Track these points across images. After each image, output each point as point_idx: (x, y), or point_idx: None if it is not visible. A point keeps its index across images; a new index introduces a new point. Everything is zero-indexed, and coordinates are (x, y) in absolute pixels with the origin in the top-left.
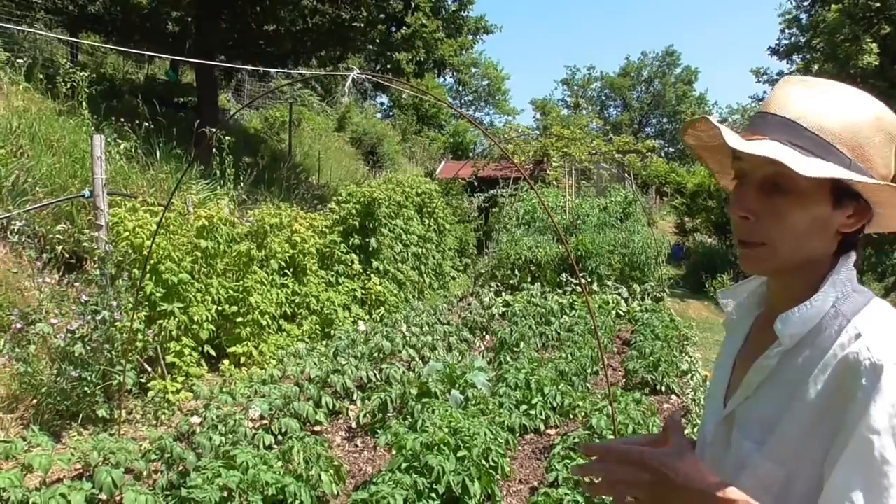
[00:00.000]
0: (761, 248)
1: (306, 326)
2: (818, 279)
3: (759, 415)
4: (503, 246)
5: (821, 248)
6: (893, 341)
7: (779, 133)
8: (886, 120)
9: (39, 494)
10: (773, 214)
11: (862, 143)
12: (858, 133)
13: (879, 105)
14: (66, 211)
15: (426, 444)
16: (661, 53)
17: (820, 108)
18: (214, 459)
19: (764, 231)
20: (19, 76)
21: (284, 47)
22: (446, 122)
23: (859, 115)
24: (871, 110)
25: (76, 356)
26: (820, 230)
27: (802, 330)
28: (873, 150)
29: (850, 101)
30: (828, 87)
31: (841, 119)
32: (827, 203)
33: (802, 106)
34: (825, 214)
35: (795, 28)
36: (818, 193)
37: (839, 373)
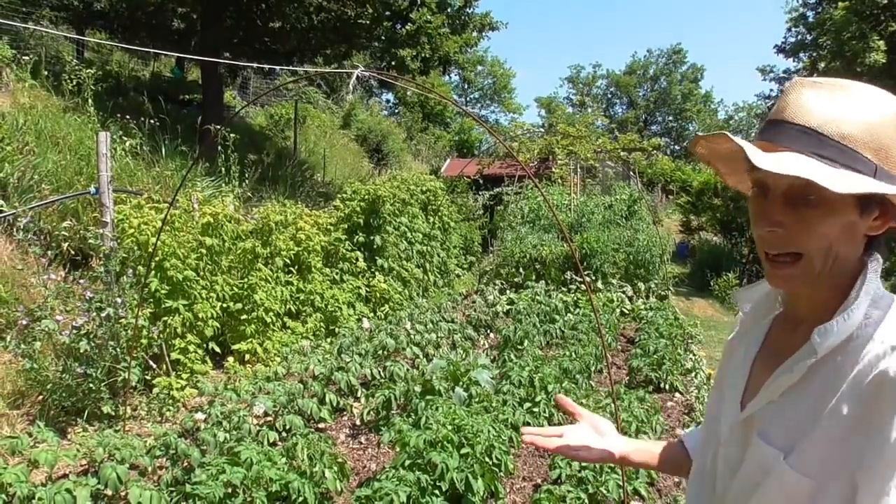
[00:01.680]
0: (794, 264)
1: (311, 324)
2: (845, 282)
3: (784, 422)
4: (508, 244)
5: (849, 254)
6: None
7: (800, 144)
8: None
9: (45, 490)
10: (802, 226)
11: (886, 144)
12: (881, 135)
13: (893, 101)
14: (72, 208)
15: (430, 441)
16: (667, 51)
17: (839, 113)
18: (219, 456)
19: (794, 242)
20: (25, 73)
21: (290, 44)
22: (452, 120)
23: (880, 116)
24: (885, 108)
25: (81, 353)
26: (849, 237)
27: (838, 340)
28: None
29: (869, 101)
30: (842, 88)
31: (862, 122)
32: (855, 210)
33: (820, 112)
34: (853, 221)
35: (802, 26)
36: (846, 202)
37: (875, 387)
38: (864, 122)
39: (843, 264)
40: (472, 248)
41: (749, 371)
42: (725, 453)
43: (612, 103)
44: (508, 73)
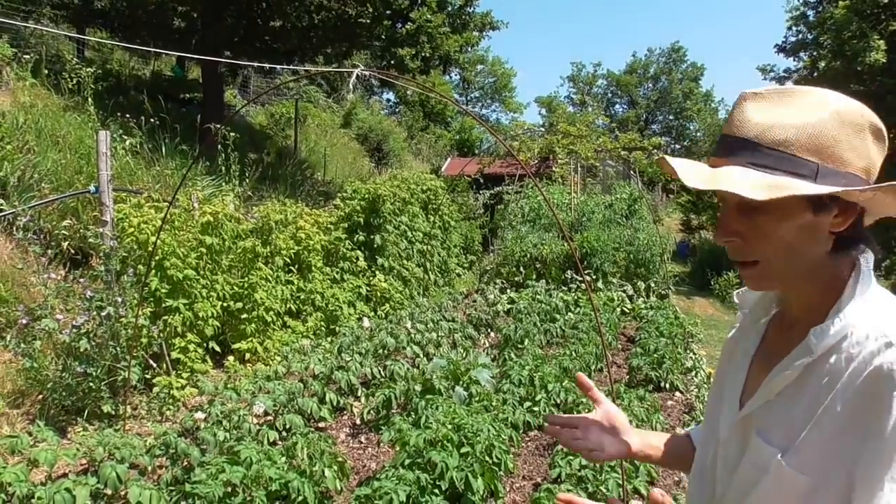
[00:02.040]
0: (757, 267)
1: (311, 323)
2: (833, 281)
3: (782, 420)
4: (508, 243)
5: (816, 252)
6: None
7: (739, 156)
8: (847, 114)
9: (45, 489)
10: (757, 233)
11: (826, 144)
12: (820, 135)
13: (838, 99)
14: (72, 207)
15: (430, 440)
16: (667, 50)
17: (776, 121)
18: (219, 455)
19: (752, 250)
20: (26, 72)
21: (290, 43)
22: (452, 119)
23: (818, 117)
24: (827, 109)
25: (81, 352)
26: (809, 236)
27: (833, 341)
28: (842, 148)
29: (809, 104)
30: (781, 95)
31: (799, 126)
32: (807, 211)
33: (758, 122)
34: (809, 221)
35: (803, 25)
36: (796, 206)
37: (870, 384)
38: (802, 125)
39: (815, 263)
40: (472, 247)
41: (747, 371)
42: (724, 453)
43: (613, 102)
44: (509, 72)
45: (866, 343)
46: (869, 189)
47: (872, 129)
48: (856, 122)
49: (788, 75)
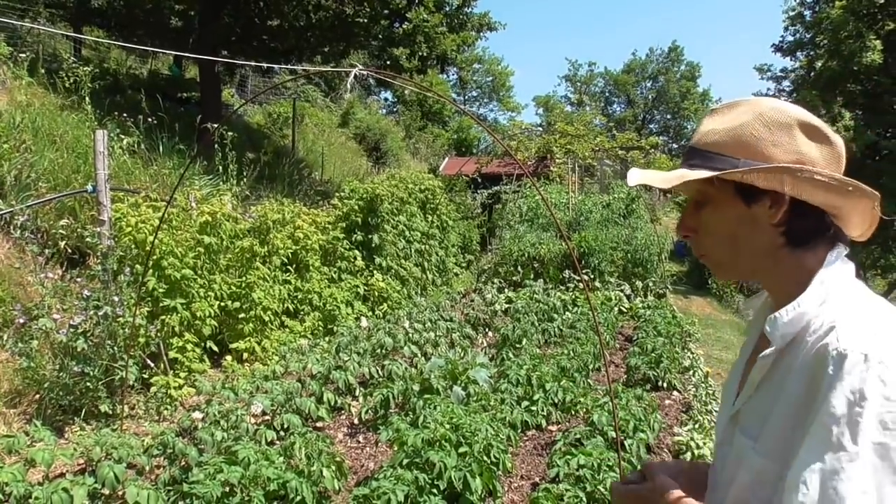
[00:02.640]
0: (706, 259)
1: (309, 322)
2: (802, 276)
3: (756, 412)
4: (506, 242)
5: (760, 243)
6: (863, 331)
7: (687, 160)
8: (770, 114)
9: (42, 489)
10: (702, 227)
11: (748, 141)
12: (742, 134)
13: (766, 103)
14: (69, 206)
15: (428, 440)
16: (665, 50)
17: (710, 128)
18: (216, 455)
19: (701, 244)
20: (22, 71)
21: (288, 43)
22: (450, 119)
23: (740, 119)
24: (752, 112)
25: (78, 351)
26: (748, 228)
27: (791, 330)
28: (764, 144)
29: (738, 110)
30: (728, 107)
31: (726, 130)
32: (738, 203)
33: (700, 131)
34: (743, 213)
35: (800, 25)
36: (726, 197)
37: (813, 365)
38: (728, 128)
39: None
40: (470, 246)
41: (742, 373)
42: (720, 453)
43: (611, 102)
44: (506, 71)
45: (818, 330)
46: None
47: (802, 126)
48: (778, 119)
49: (785, 75)
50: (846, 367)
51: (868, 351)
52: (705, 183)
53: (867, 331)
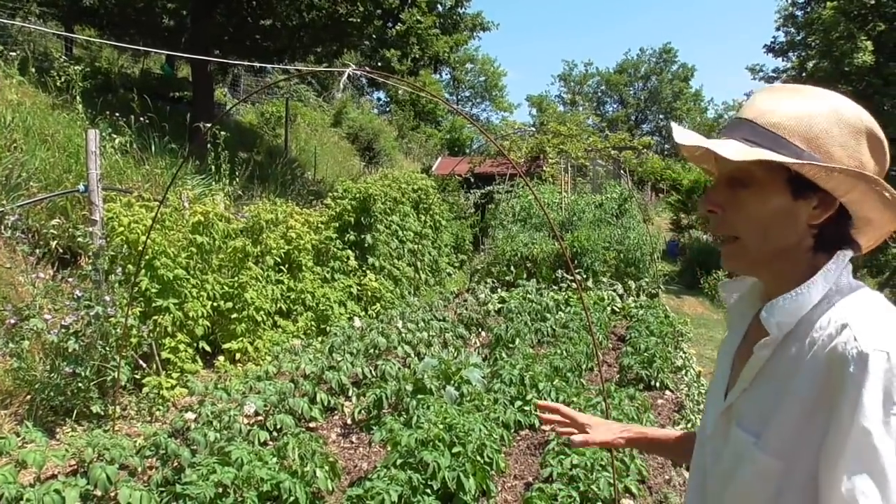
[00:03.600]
0: (735, 245)
1: (301, 323)
2: (808, 273)
3: (756, 407)
4: (499, 242)
5: (791, 240)
6: (879, 329)
7: (738, 132)
8: (845, 113)
9: (34, 491)
10: (735, 206)
11: (817, 134)
12: (812, 125)
13: (841, 100)
14: (61, 206)
15: (421, 440)
16: (658, 50)
17: (776, 107)
18: (209, 456)
19: (731, 224)
20: (13, 70)
21: (280, 42)
22: (443, 118)
23: (814, 109)
24: (828, 104)
25: (70, 352)
26: (785, 221)
27: (790, 319)
28: (831, 142)
29: (809, 97)
30: (792, 90)
31: (794, 114)
32: (785, 194)
33: (760, 107)
34: (786, 205)
35: (791, 25)
36: (774, 184)
37: (828, 364)
38: (797, 114)
39: (793, 252)
40: (463, 246)
41: (732, 364)
42: (711, 447)
43: (603, 102)
44: (499, 71)
45: (827, 327)
46: (831, 168)
47: (869, 136)
48: (852, 123)
49: (777, 75)
50: (870, 368)
51: (890, 349)
52: (756, 163)
53: (883, 329)
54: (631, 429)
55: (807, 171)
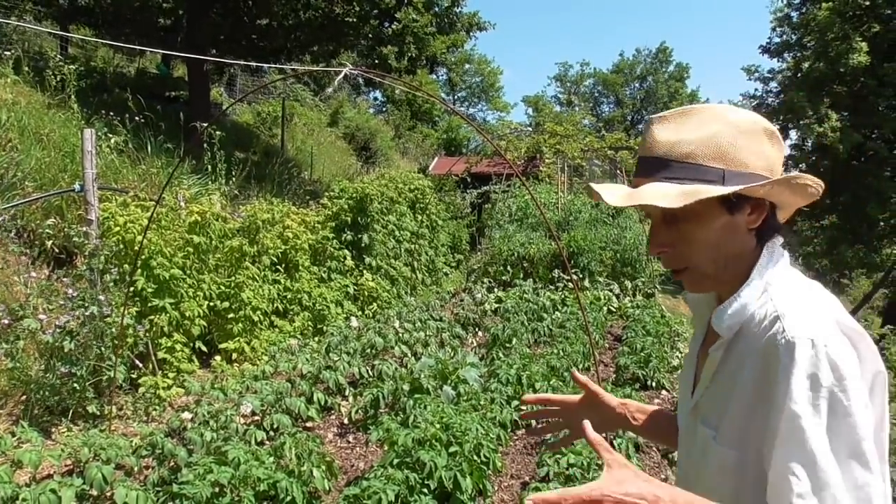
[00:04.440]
0: (688, 272)
1: (298, 322)
2: (749, 271)
3: (714, 404)
4: (496, 242)
5: (739, 248)
6: (805, 318)
7: (653, 173)
8: (741, 122)
9: (29, 490)
10: (683, 241)
11: (727, 149)
12: (720, 143)
13: (731, 111)
14: (56, 205)
15: (418, 439)
16: (654, 50)
17: (681, 137)
18: (206, 455)
19: (684, 256)
20: (7, 69)
21: (277, 42)
22: (440, 118)
23: (713, 128)
24: (722, 119)
25: (65, 352)
26: (730, 235)
27: (737, 321)
28: (741, 151)
29: (706, 118)
30: (685, 114)
31: (701, 139)
32: (723, 213)
33: (665, 140)
34: (727, 222)
35: (787, 26)
36: (711, 209)
37: (764, 356)
38: (703, 137)
39: (740, 257)
40: (460, 246)
41: (695, 365)
42: (684, 443)
43: (600, 102)
44: (496, 71)
45: (763, 321)
46: (767, 183)
47: (767, 133)
48: (749, 128)
49: (772, 76)
50: (797, 355)
51: (814, 336)
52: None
53: (809, 318)
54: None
55: (751, 192)
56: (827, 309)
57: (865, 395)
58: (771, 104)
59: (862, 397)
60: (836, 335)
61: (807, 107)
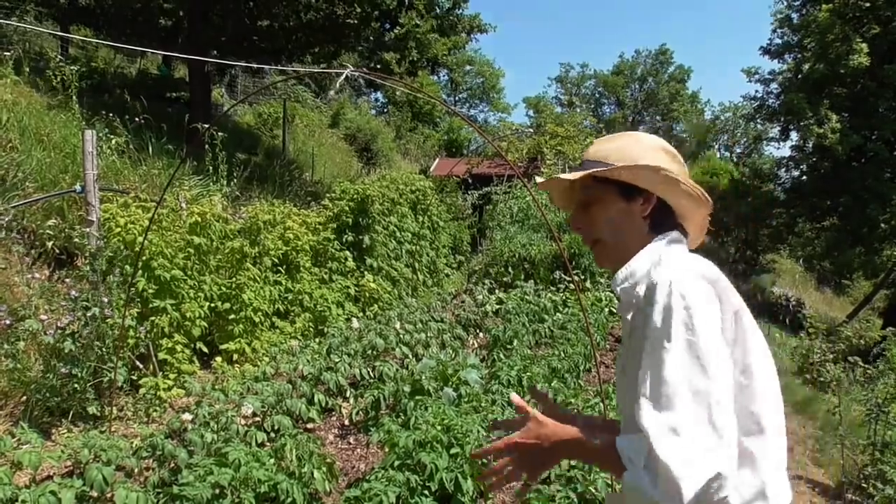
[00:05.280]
0: (598, 245)
1: (299, 324)
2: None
3: (631, 360)
4: (497, 243)
5: (635, 230)
6: (669, 269)
7: (581, 168)
8: (644, 139)
9: (29, 492)
10: (590, 220)
11: (627, 154)
12: (627, 151)
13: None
14: (57, 206)
15: (419, 441)
16: (655, 52)
17: (603, 147)
18: (206, 457)
19: (592, 232)
20: (8, 69)
21: (278, 43)
22: (441, 119)
23: (626, 141)
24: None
25: (66, 353)
26: (626, 218)
27: (629, 283)
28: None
29: (622, 138)
30: (615, 136)
31: (614, 147)
32: (620, 199)
33: (594, 149)
34: (623, 206)
35: (787, 27)
36: (610, 195)
37: (643, 304)
38: (615, 146)
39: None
40: (461, 247)
41: None
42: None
43: (601, 103)
44: (497, 72)
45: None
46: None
47: (666, 151)
48: (651, 144)
49: (773, 77)
50: (658, 292)
51: (672, 278)
52: (593, 186)
53: (672, 268)
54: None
55: (618, 174)
56: (693, 265)
57: (713, 324)
58: (771, 105)
59: (707, 324)
60: (690, 277)
61: (807, 108)
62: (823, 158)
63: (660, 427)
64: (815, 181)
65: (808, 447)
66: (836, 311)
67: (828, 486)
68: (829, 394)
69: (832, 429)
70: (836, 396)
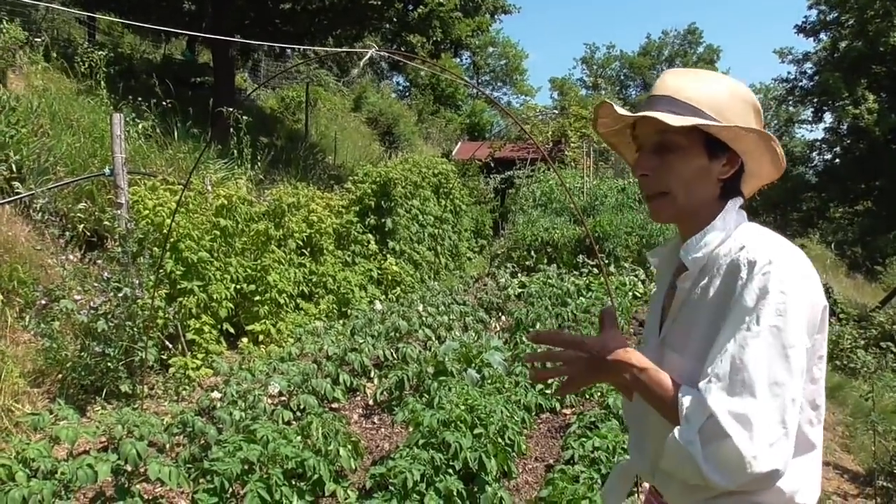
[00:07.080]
0: (663, 199)
1: (323, 305)
2: (714, 217)
3: (681, 330)
4: (519, 227)
5: (707, 193)
6: (766, 245)
7: (660, 106)
8: (739, 92)
9: (68, 465)
10: (664, 168)
11: (723, 107)
12: (719, 101)
13: (734, 82)
14: (87, 190)
15: (443, 420)
16: (683, 32)
17: (689, 85)
18: (235, 434)
19: (661, 182)
20: (38, 56)
21: (301, 26)
22: (463, 103)
23: (718, 89)
24: (726, 86)
25: (99, 332)
26: (703, 177)
27: (701, 254)
28: (732, 113)
29: (712, 80)
30: (695, 73)
31: (704, 91)
32: (703, 155)
33: (674, 85)
34: (704, 164)
35: (824, 3)
36: (695, 148)
37: (727, 275)
38: (706, 91)
39: (703, 202)
40: (483, 231)
41: (662, 306)
42: None
43: (626, 85)
44: (521, 54)
45: (729, 252)
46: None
47: (754, 109)
48: (745, 99)
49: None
50: (755, 270)
51: (772, 257)
52: (680, 132)
53: (771, 244)
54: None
55: (725, 134)
56: (790, 247)
57: (804, 315)
58: (804, 87)
59: (799, 314)
60: (792, 262)
61: (843, 88)
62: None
63: (730, 412)
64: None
65: (838, 433)
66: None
67: (857, 472)
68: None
69: (864, 415)
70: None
